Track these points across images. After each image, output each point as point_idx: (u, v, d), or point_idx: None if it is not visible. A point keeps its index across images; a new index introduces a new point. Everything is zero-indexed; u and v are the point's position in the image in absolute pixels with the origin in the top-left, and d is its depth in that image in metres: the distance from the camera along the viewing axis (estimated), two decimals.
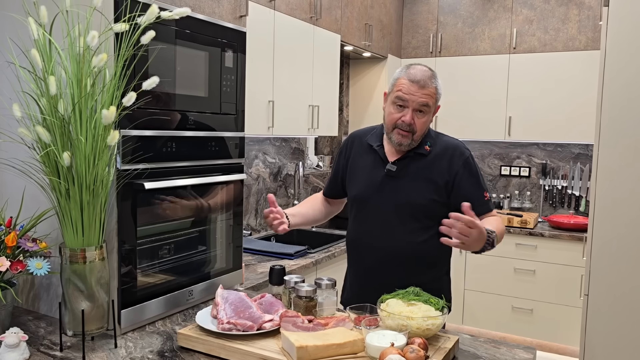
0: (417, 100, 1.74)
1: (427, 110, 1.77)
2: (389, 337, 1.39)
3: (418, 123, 1.77)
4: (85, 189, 1.40)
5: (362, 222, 1.93)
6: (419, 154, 1.85)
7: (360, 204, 1.93)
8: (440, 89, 1.81)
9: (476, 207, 1.66)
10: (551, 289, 3.78)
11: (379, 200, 1.87)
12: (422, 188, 1.83)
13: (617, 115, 2.22)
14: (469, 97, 4.24)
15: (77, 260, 1.44)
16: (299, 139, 3.73)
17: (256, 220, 3.33)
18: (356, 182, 1.95)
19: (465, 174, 1.82)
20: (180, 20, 1.73)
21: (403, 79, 1.77)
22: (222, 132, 1.96)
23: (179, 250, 1.90)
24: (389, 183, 1.86)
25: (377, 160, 1.90)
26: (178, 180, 1.74)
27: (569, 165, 4.24)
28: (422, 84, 1.74)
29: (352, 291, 2.02)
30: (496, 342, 1.65)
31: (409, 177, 1.84)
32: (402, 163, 1.86)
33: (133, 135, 1.60)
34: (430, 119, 1.82)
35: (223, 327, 1.49)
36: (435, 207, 1.82)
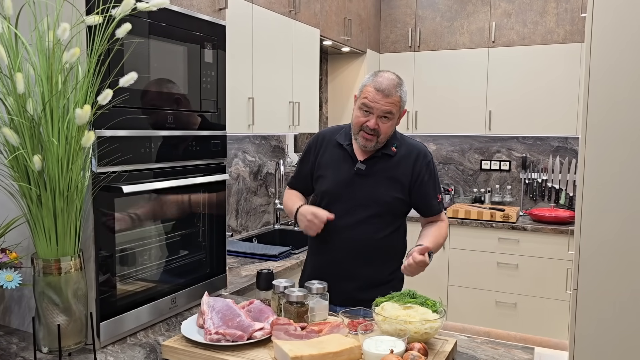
0: (381, 108, 1.85)
1: (391, 116, 1.88)
2: (387, 343, 1.33)
3: (382, 127, 1.88)
4: (58, 194, 1.30)
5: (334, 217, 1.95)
6: (386, 155, 1.97)
7: (330, 199, 2.00)
8: (404, 97, 1.91)
9: (430, 207, 2.01)
10: (534, 282, 3.78)
11: (348, 197, 1.96)
12: (388, 187, 1.95)
13: (604, 107, 2.20)
14: (448, 92, 4.22)
15: (51, 271, 1.34)
16: (278, 136, 3.65)
17: (237, 221, 3.24)
18: (326, 178, 2.03)
19: (426, 176, 1.98)
20: (157, 13, 1.63)
21: (370, 86, 1.87)
22: (202, 131, 1.87)
23: (160, 256, 1.81)
24: (358, 181, 1.97)
25: (346, 158, 2.00)
26: (158, 183, 1.64)
27: (548, 158, 4.26)
28: (386, 93, 1.84)
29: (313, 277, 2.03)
30: (494, 342, 1.60)
31: (377, 176, 1.96)
32: (371, 162, 1.97)
33: (109, 135, 1.50)
34: (395, 123, 1.93)
35: (211, 338, 1.41)
36: (399, 205, 1.98)
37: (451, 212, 4.01)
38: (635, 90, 2.15)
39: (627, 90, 2.16)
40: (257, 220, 3.44)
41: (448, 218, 3.97)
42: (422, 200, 2.00)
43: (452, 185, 4.59)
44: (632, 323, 2.19)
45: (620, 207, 2.18)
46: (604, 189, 2.21)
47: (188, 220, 1.91)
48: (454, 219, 3.98)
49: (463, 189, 4.56)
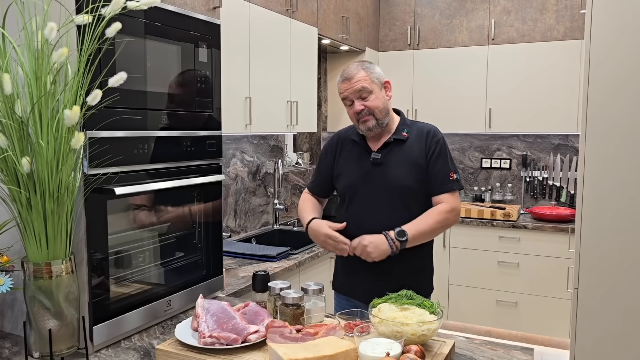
0: (353, 90, 1.92)
1: (368, 92, 1.92)
2: (383, 345, 1.30)
3: (368, 104, 1.92)
4: (48, 197, 1.28)
5: (353, 211, 2.01)
6: (399, 140, 1.99)
7: (351, 193, 2.03)
8: (372, 69, 1.95)
9: (441, 185, 1.95)
10: (535, 281, 3.76)
11: (368, 188, 1.98)
12: (406, 171, 1.96)
13: (604, 104, 2.17)
14: (448, 90, 4.19)
15: (41, 275, 1.32)
16: (277, 136, 3.62)
17: (235, 222, 3.22)
18: (345, 174, 2.05)
19: (436, 153, 1.97)
20: (150, 12, 1.61)
21: (339, 83, 1.97)
22: (197, 131, 1.84)
23: (155, 258, 1.79)
24: (376, 170, 1.98)
25: (361, 152, 2.03)
26: (151, 184, 1.62)
27: (549, 156, 4.23)
28: (350, 77, 1.93)
29: (345, 276, 2.10)
30: (493, 343, 1.58)
31: (393, 162, 1.97)
32: (385, 151, 1.99)
33: (101, 137, 1.47)
34: (380, 95, 1.95)
35: (205, 342, 1.39)
36: (420, 187, 1.97)
37: None
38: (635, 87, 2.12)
39: (627, 87, 2.13)
40: (256, 220, 3.42)
41: None
42: (431, 179, 1.95)
43: None
44: (634, 322, 2.16)
45: (622, 205, 2.15)
46: (605, 187, 2.18)
47: (183, 221, 1.89)
48: None
49: (464, 187, 4.53)
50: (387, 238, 1.85)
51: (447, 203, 1.95)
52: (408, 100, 4.33)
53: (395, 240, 1.85)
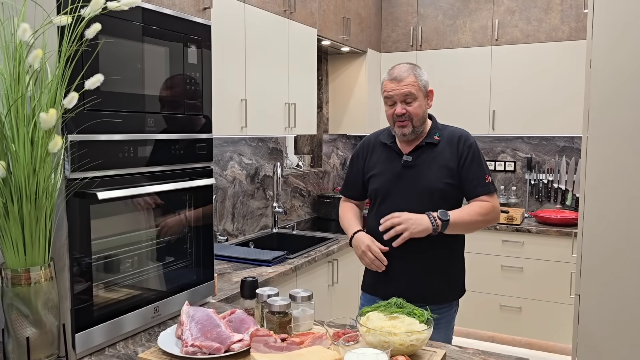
0: (399, 93, 1.94)
1: (413, 98, 1.94)
2: (369, 356, 1.26)
3: (410, 110, 1.94)
4: (25, 202, 1.25)
5: (383, 213, 2.00)
6: (430, 144, 2.01)
7: (381, 196, 2.06)
8: (421, 76, 1.98)
9: (477, 188, 1.99)
10: (540, 286, 3.69)
11: (399, 190, 2.01)
12: (437, 174, 1.98)
13: (606, 106, 2.11)
14: (451, 91, 4.13)
15: (19, 282, 1.29)
16: (276, 138, 3.59)
17: (233, 225, 3.18)
18: (376, 177, 2.08)
19: (469, 158, 1.99)
20: (136, 13, 1.58)
21: (386, 80, 1.99)
22: (186, 134, 1.81)
23: (142, 264, 1.75)
24: (407, 173, 2.01)
25: (392, 155, 2.07)
26: (136, 189, 1.59)
27: (554, 158, 4.15)
28: (399, 79, 1.94)
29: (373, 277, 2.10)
30: (487, 353, 1.52)
31: (425, 165, 2.00)
32: (416, 154, 2.02)
33: (83, 140, 1.44)
34: (423, 103, 1.97)
35: (187, 351, 1.35)
36: (450, 190, 1.99)
37: None
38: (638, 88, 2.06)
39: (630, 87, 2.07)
40: (254, 224, 3.39)
41: None
42: (466, 183, 1.99)
43: None
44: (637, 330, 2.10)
45: (625, 210, 2.09)
46: (607, 191, 2.12)
47: (173, 226, 1.86)
48: None
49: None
50: (429, 216, 1.88)
51: (489, 202, 1.99)
52: None
53: (437, 219, 1.88)
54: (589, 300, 2.18)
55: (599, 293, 2.15)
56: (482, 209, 1.97)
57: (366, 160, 2.14)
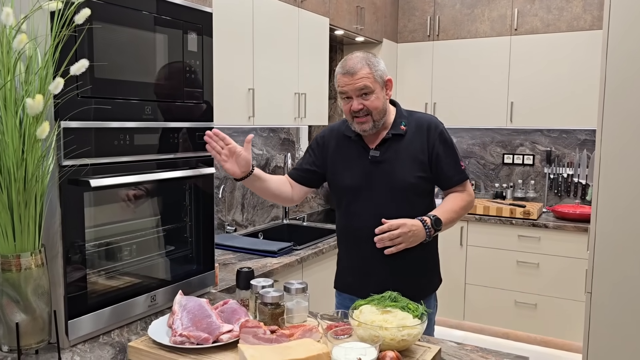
0: (354, 86, 1.80)
1: (369, 91, 1.80)
2: (357, 350, 1.23)
3: (368, 104, 1.81)
4: (14, 188, 1.25)
5: (354, 212, 1.93)
6: (397, 135, 1.89)
7: (352, 193, 1.94)
8: (377, 66, 1.82)
9: (454, 177, 1.91)
10: (556, 282, 3.59)
11: (370, 187, 1.89)
12: (408, 167, 1.87)
13: (621, 98, 2.02)
14: (468, 83, 4.04)
15: (9, 267, 1.29)
16: (288, 129, 3.56)
17: (242, 216, 3.18)
18: (342, 175, 1.95)
19: (441, 147, 1.89)
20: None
21: (339, 74, 1.84)
22: (185, 122, 1.79)
23: (140, 252, 1.75)
24: (376, 169, 1.89)
25: (358, 150, 1.93)
26: (131, 177, 1.57)
27: (574, 152, 4.03)
28: (352, 72, 1.80)
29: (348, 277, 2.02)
30: (485, 350, 1.48)
31: (394, 159, 1.88)
32: (383, 147, 1.89)
33: (76, 127, 1.44)
34: (381, 95, 1.84)
35: (174, 340, 1.34)
36: (423, 183, 1.89)
37: None
38: None
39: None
40: (264, 214, 3.37)
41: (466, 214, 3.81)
42: (441, 174, 1.90)
43: (472, 180, 4.41)
44: None
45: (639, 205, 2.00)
46: (621, 185, 2.03)
47: (173, 215, 1.85)
48: (472, 215, 3.82)
49: (484, 183, 4.38)
50: (425, 226, 1.80)
51: (465, 191, 1.94)
52: (427, 94, 4.20)
53: (432, 229, 1.81)
54: (601, 298, 2.10)
55: (611, 291, 2.08)
56: (463, 202, 1.91)
57: (328, 153, 1.98)
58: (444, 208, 1.88)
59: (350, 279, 2.00)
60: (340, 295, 2.06)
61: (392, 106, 1.95)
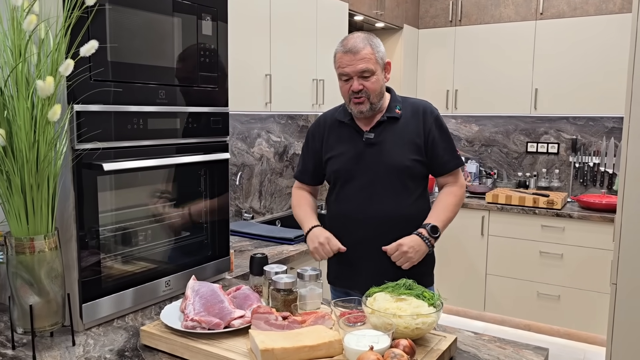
0: (355, 67, 1.76)
1: (370, 72, 1.77)
2: (370, 338, 1.20)
3: (368, 86, 1.78)
4: (27, 171, 1.25)
5: (347, 196, 1.89)
6: (392, 118, 1.86)
7: (345, 177, 1.89)
8: (378, 47, 1.80)
9: (450, 162, 1.87)
10: (580, 274, 3.51)
11: (363, 170, 1.86)
12: (403, 150, 1.84)
13: None
14: (491, 69, 3.94)
15: (23, 250, 1.30)
16: (307, 116, 3.53)
17: (260, 203, 3.17)
18: (336, 158, 1.91)
19: (437, 131, 1.86)
20: None
21: (339, 53, 1.79)
22: (200, 107, 1.78)
23: (156, 237, 1.74)
24: (370, 151, 1.85)
25: (352, 133, 1.89)
26: (144, 161, 1.57)
27: (601, 140, 3.91)
28: (355, 51, 1.75)
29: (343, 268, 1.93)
30: (503, 341, 1.44)
31: (388, 141, 1.85)
32: (378, 130, 1.86)
33: (90, 110, 1.43)
34: (381, 77, 1.81)
35: (186, 325, 1.33)
36: (417, 166, 1.85)
37: (491, 197, 3.77)
38: None
39: None
40: (282, 202, 3.36)
41: (487, 203, 3.75)
42: (437, 159, 1.86)
43: (494, 169, 4.33)
44: None
45: None
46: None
47: (188, 200, 1.84)
48: (494, 204, 3.74)
49: (507, 172, 4.29)
50: (422, 238, 1.78)
51: (457, 182, 1.91)
52: (448, 81, 4.12)
53: (431, 238, 1.79)
54: (626, 290, 2.04)
55: (636, 282, 2.01)
56: (455, 198, 1.88)
57: (323, 141, 1.94)
58: (437, 211, 1.85)
59: (342, 271, 1.94)
60: (335, 291, 2.00)
61: (387, 92, 1.91)
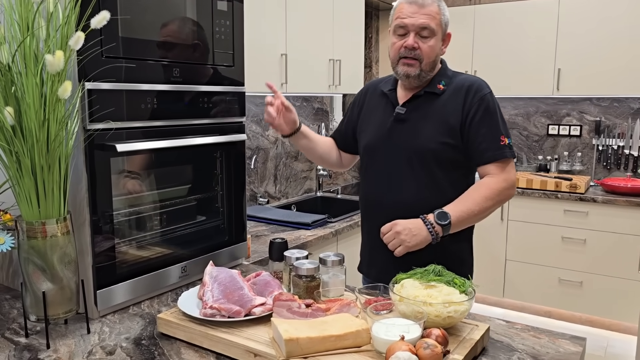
0: (417, 22, 1.58)
1: (431, 33, 1.60)
2: (400, 327, 1.13)
3: (423, 48, 1.60)
4: (37, 152, 1.19)
5: (371, 176, 1.75)
6: (431, 94, 1.66)
7: (369, 154, 1.75)
8: (445, 11, 1.64)
9: (488, 152, 1.59)
10: (604, 259, 3.41)
11: (388, 149, 1.69)
12: (433, 131, 1.62)
13: None
14: (512, 49, 3.82)
15: (35, 235, 1.24)
16: (322, 98, 3.44)
17: (275, 187, 3.10)
18: (365, 132, 1.77)
19: (479, 114, 1.60)
20: None
21: (402, 3, 1.62)
22: (215, 86, 1.70)
23: (171, 222, 1.69)
24: (398, 128, 1.68)
25: (386, 105, 1.73)
26: (158, 142, 1.50)
27: (626, 122, 3.78)
28: (420, 3, 1.59)
29: (364, 256, 1.85)
30: (537, 330, 1.36)
31: (419, 119, 1.65)
32: (412, 105, 1.67)
33: (102, 88, 1.36)
34: (438, 45, 1.63)
35: (205, 313, 1.27)
36: (449, 153, 1.62)
37: None
38: None
39: None
40: (298, 186, 3.29)
41: None
42: (473, 146, 1.60)
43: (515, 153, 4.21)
44: None
45: None
46: None
47: (203, 183, 1.78)
48: None
49: (527, 156, 4.18)
50: (425, 222, 1.54)
51: (497, 174, 1.59)
52: (467, 61, 4.00)
53: (436, 225, 1.53)
54: None
55: None
56: (489, 191, 1.57)
57: (361, 110, 1.82)
58: (460, 199, 1.59)
59: (363, 261, 1.85)
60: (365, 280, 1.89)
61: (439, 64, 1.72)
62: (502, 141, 1.60)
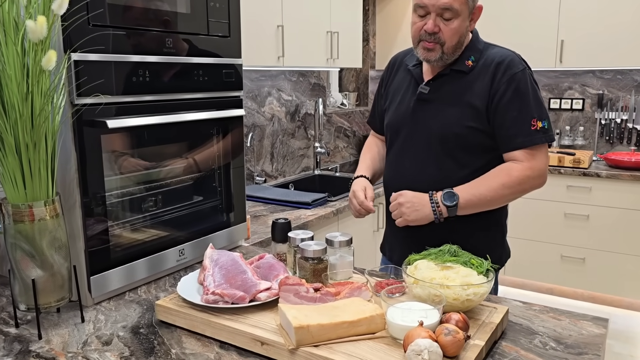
0: (437, 2, 1.43)
1: (454, 14, 1.44)
2: (417, 312, 1.06)
3: (445, 30, 1.45)
4: (20, 127, 1.09)
5: (390, 159, 1.67)
6: (458, 72, 1.53)
7: (392, 135, 1.65)
8: None
9: (517, 137, 1.46)
10: (607, 235, 3.36)
11: (410, 131, 1.59)
12: (457, 113, 1.51)
13: None
14: (513, 20, 3.70)
15: (21, 218, 1.15)
16: (319, 73, 3.33)
17: (272, 166, 3.01)
18: (389, 111, 1.67)
19: (508, 95, 1.46)
20: None
21: None
22: (211, 57, 1.60)
23: (167, 203, 1.60)
24: (420, 109, 1.57)
25: (411, 83, 1.62)
26: (151, 118, 1.40)
27: (630, 95, 3.71)
28: None
29: (387, 237, 1.79)
30: (557, 311, 1.30)
31: (444, 100, 1.53)
32: (437, 83, 1.55)
33: (89, 60, 1.26)
34: (464, 25, 1.48)
35: (207, 299, 1.19)
36: (475, 137, 1.50)
37: None
38: None
39: None
40: (295, 165, 3.20)
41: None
42: (501, 130, 1.48)
43: None
44: None
45: None
46: None
47: (197, 162, 1.69)
48: None
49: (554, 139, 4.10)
50: (431, 200, 1.47)
51: (522, 162, 1.46)
52: None
53: (441, 204, 1.46)
54: None
55: None
56: (509, 179, 1.45)
57: (387, 87, 1.71)
58: (475, 182, 1.49)
59: (386, 245, 1.80)
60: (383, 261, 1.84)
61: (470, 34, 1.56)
62: (534, 125, 1.46)
